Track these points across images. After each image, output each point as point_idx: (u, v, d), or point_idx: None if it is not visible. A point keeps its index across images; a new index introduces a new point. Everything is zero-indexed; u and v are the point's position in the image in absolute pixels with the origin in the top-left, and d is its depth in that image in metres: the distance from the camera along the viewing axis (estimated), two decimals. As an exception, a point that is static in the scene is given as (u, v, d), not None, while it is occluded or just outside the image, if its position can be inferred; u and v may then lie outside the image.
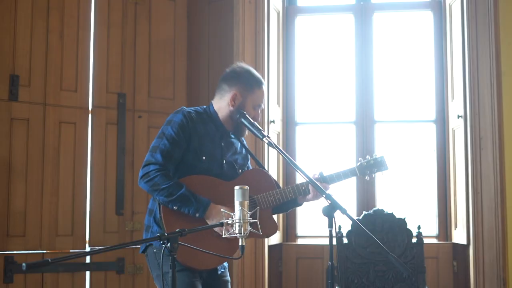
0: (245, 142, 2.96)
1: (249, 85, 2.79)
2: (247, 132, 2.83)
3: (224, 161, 2.79)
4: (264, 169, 2.90)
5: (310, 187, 2.72)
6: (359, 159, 2.86)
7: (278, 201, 2.74)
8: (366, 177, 2.83)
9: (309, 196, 2.76)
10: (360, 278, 3.97)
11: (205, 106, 2.87)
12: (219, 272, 2.79)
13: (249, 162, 2.96)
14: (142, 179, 2.63)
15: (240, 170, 2.84)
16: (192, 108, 2.81)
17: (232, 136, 2.86)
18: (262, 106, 2.83)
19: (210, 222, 2.60)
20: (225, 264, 2.85)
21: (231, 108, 2.78)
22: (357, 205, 4.87)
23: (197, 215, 2.58)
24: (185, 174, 2.68)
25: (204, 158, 2.71)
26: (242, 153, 2.90)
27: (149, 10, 4.75)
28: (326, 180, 2.74)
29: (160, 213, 2.62)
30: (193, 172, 2.69)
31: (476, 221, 4.40)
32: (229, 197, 2.44)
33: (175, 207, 2.58)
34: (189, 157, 2.70)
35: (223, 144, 2.80)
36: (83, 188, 4.42)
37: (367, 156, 2.86)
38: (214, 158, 2.75)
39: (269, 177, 2.84)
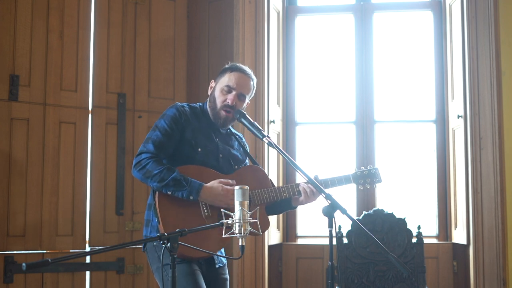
0: (244, 140, 2.97)
1: (222, 72, 2.86)
2: (231, 125, 2.86)
3: (220, 155, 2.81)
4: (260, 166, 2.91)
5: (301, 189, 2.74)
6: (355, 168, 2.93)
7: (272, 198, 2.75)
8: (360, 187, 2.89)
9: (301, 198, 2.77)
10: (360, 278, 3.97)
11: (201, 103, 2.92)
12: (217, 267, 2.79)
13: (247, 159, 2.98)
14: (134, 167, 2.68)
15: (236, 167, 2.86)
16: (186, 103, 2.86)
17: (223, 130, 2.87)
18: (235, 90, 2.78)
19: (206, 202, 2.63)
20: (224, 260, 2.85)
21: (209, 97, 2.85)
22: (357, 205, 4.87)
23: (191, 197, 2.60)
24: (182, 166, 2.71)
25: (199, 149, 2.75)
26: (240, 150, 2.93)
27: (149, 10, 4.75)
28: (320, 184, 2.75)
29: (154, 199, 2.63)
30: (190, 164, 2.72)
31: (476, 221, 4.40)
32: None
33: (169, 192, 2.61)
34: (185, 148, 2.74)
35: (217, 140, 2.83)
36: (83, 188, 4.42)
37: (362, 167, 2.93)
38: (210, 151, 2.78)
39: (265, 174, 2.87)
